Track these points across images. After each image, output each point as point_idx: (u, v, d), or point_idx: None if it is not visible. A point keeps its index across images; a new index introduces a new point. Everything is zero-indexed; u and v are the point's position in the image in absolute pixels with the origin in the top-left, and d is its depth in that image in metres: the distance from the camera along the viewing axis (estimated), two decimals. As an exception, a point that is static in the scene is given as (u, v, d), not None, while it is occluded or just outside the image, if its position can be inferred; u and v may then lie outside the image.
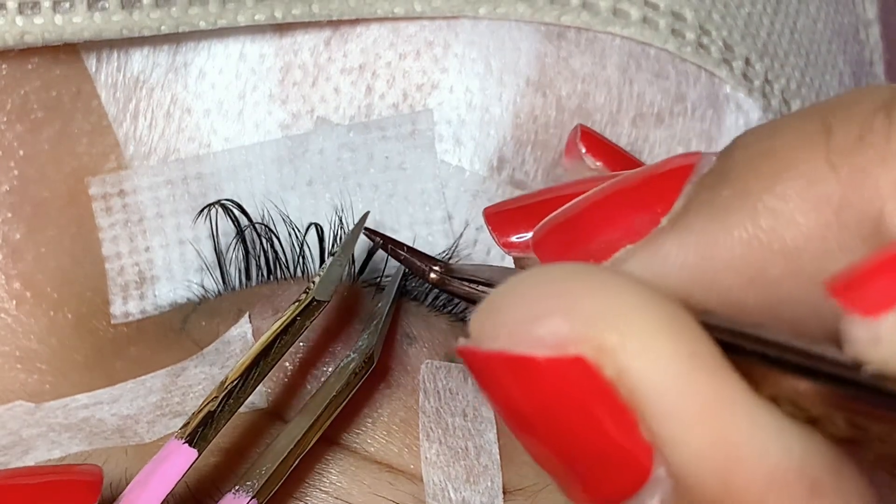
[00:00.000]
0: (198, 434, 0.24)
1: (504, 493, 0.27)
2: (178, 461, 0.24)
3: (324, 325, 0.28)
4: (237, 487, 0.25)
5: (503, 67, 0.29)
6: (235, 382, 0.25)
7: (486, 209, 0.26)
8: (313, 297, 0.26)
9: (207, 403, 0.25)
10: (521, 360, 0.18)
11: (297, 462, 0.25)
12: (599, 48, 0.29)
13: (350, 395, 0.26)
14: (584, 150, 0.28)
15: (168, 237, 0.28)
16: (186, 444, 0.24)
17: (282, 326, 0.26)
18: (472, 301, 0.25)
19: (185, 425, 0.24)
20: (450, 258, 0.29)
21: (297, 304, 0.26)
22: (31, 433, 0.26)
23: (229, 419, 0.25)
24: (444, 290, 0.26)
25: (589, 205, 0.22)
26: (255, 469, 0.25)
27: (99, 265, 0.28)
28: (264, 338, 0.26)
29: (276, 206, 0.29)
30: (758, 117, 0.31)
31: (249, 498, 0.24)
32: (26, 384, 0.27)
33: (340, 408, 0.26)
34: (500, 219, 0.25)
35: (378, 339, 0.27)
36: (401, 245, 0.26)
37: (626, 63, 0.30)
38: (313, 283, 0.27)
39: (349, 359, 0.27)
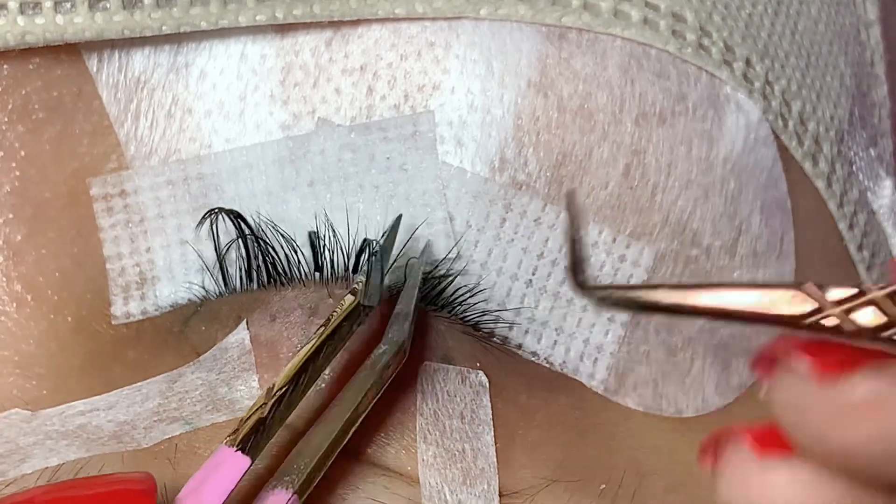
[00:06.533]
0: (250, 441, 0.24)
1: (500, 496, 0.27)
2: (233, 469, 0.24)
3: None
4: (275, 484, 0.25)
5: (505, 68, 0.29)
6: (285, 389, 0.25)
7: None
8: (359, 302, 0.27)
9: (256, 410, 0.25)
10: None
11: (334, 456, 0.25)
12: (601, 49, 0.29)
13: (384, 388, 0.26)
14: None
15: (169, 238, 0.29)
16: (240, 452, 0.24)
17: (329, 331, 0.26)
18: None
19: (235, 432, 0.24)
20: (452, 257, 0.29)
21: (339, 308, 0.26)
22: (28, 441, 0.26)
23: (280, 426, 0.25)
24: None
25: None
26: (293, 465, 0.25)
27: (100, 266, 0.28)
28: (312, 343, 0.26)
29: (273, 211, 0.29)
30: (758, 118, 0.31)
31: (291, 493, 0.24)
32: (24, 390, 0.27)
33: (376, 400, 0.26)
34: None
35: (409, 330, 0.27)
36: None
37: (627, 63, 0.30)
38: (357, 286, 0.27)
39: (381, 351, 0.27)
